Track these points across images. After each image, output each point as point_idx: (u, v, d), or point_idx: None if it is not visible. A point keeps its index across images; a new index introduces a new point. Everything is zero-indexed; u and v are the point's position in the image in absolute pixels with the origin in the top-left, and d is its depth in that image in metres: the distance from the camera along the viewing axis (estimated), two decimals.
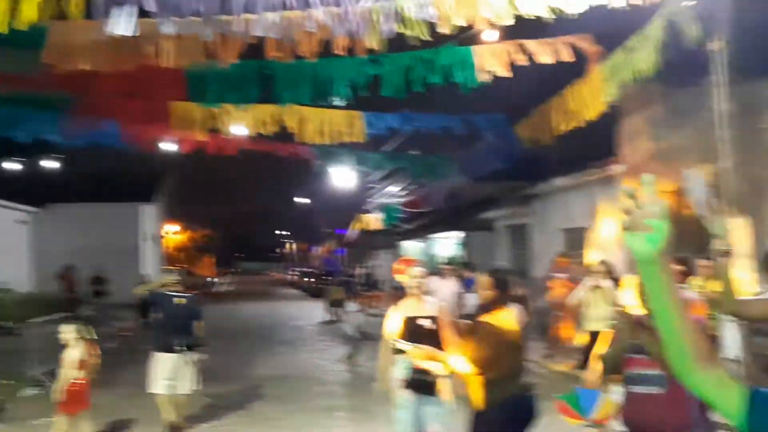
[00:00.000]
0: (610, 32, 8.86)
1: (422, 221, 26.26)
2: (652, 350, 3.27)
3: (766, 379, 5.08)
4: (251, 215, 68.98)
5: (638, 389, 3.39)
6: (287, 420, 8.28)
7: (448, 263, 14.86)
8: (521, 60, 8.00)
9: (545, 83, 11.17)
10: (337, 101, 8.96)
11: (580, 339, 8.79)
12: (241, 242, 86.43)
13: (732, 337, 6.40)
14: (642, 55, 8.17)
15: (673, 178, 11.09)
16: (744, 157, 8.52)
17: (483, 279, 4.33)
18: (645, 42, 8.08)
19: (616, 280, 8.38)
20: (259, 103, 9.31)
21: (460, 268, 13.74)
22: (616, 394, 5.16)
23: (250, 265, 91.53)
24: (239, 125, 10.28)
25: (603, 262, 9.10)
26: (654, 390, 3.28)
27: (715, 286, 7.42)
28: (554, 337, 12.03)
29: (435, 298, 5.72)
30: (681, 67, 9.20)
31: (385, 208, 20.69)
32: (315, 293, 31.79)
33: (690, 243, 10.89)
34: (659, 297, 1.52)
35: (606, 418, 4.91)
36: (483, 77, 7.94)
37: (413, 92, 7.94)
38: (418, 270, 5.32)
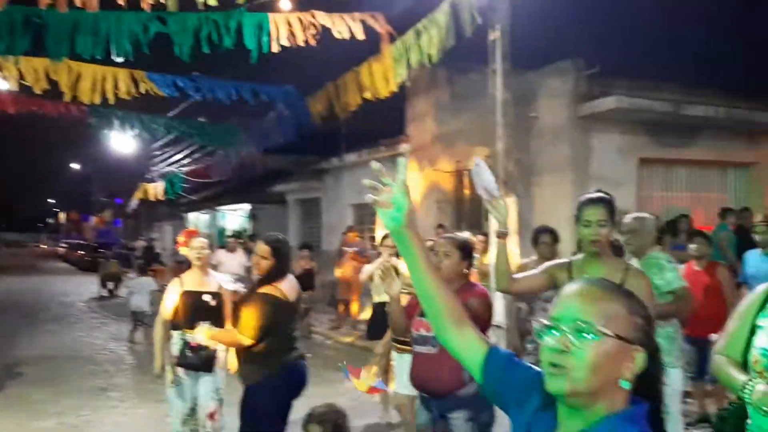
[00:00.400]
0: (403, 14, 9.08)
1: (209, 192, 25.42)
2: None
3: (522, 344, 5.55)
4: (15, 181, 62.14)
5: (420, 349, 3.54)
6: (53, 402, 7.54)
7: (236, 236, 14.54)
8: (314, 32, 7.91)
9: (340, 59, 11.20)
10: (118, 58, 8.22)
11: (367, 312, 9.02)
12: (2, 211, 77.73)
13: (497, 306, 6.93)
14: (429, 39, 8.47)
15: (454, 159, 11.78)
16: (515, 141, 9.23)
17: (261, 247, 4.13)
18: (432, 26, 8.39)
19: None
20: (27, 56, 8.32)
21: (248, 242, 13.49)
22: (396, 360, 5.35)
23: (11, 236, 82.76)
24: (3, 79, 9.13)
25: (388, 237, 9.37)
26: (431, 350, 3.43)
27: (486, 260, 8.03)
28: (342, 310, 12.27)
29: (221, 272, 5.47)
30: (464, 54, 9.71)
31: (168, 178, 19.62)
32: (87, 267, 29.59)
33: (468, 220, 11.67)
34: (412, 264, 1.67)
35: (370, 385, 5.05)
36: (276, 46, 7.74)
37: (204, 56, 7.53)
38: (201, 242, 5.02)
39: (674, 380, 4.39)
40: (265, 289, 4.06)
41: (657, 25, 17.45)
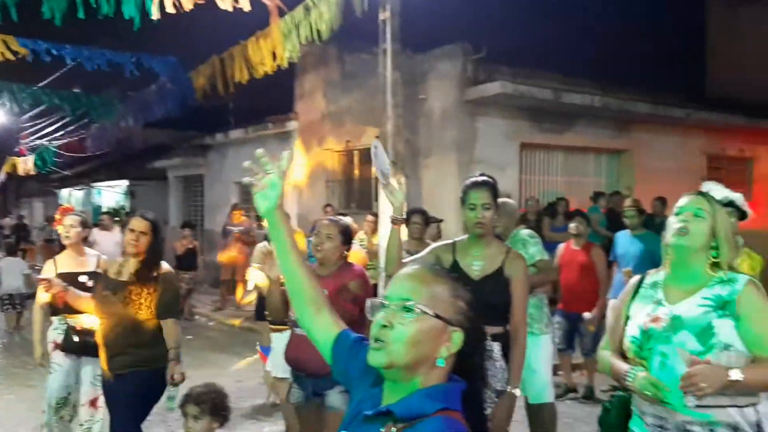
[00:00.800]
0: None
1: (84, 167, 24.02)
2: None
3: None
4: None
5: (299, 331, 3.53)
6: None
7: (112, 214, 13.83)
8: (197, 1, 7.56)
9: (227, 32, 10.82)
10: None
11: (251, 295, 8.84)
12: None
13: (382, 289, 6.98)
14: (319, 15, 8.33)
15: (344, 138, 11.72)
16: (405, 122, 9.29)
17: (140, 223, 3.89)
18: (322, 3, 8.25)
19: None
20: None
21: (126, 220, 12.87)
22: (273, 341, 5.28)
23: None
24: None
25: None
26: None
27: (376, 240, 8.06)
28: (225, 291, 11.98)
29: (97, 251, 5.14)
30: (355, 32, 9.64)
31: (39, 151, 18.35)
32: None
33: (357, 199, 11.68)
34: (281, 246, 1.76)
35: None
36: (157, 12, 7.33)
37: (82, 22, 7.02)
38: (72, 220, 4.69)
39: (544, 346, 4.70)
40: (165, 269, 3.91)
41: (542, 14, 18.10)
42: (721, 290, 2.27)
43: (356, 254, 5.68)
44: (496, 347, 3.18)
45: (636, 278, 2.59)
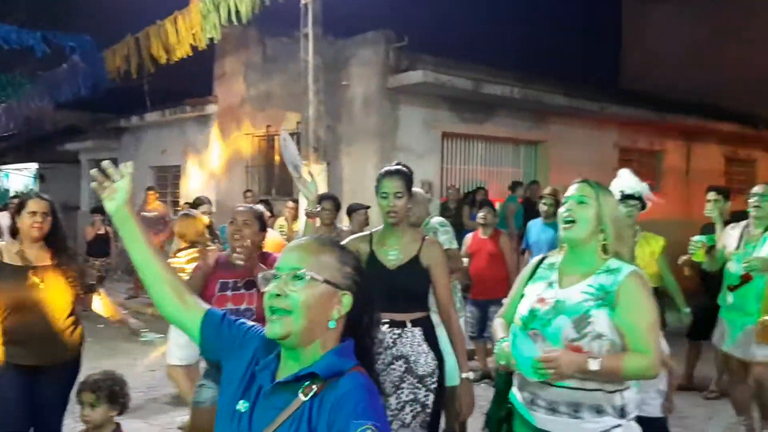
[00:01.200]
0: None
1: None
2: None
3: None
4: None
5: None
6: None
7: (19, 197, 13.17)
8: None
9: (144, 12, 10.46)
10: None
11: None
12: None
13: None
14: None
15: (264, 122, 11.53)
16: (327, 108, 9.22)
17: (39, 203, 3.65)
18: None
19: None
20: None
21: None
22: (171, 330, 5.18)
23: None
24: None
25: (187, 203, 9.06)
26: None
27: (296, 227, 7.99)
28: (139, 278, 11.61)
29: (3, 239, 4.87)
30: (277, 15, 9.48)
31: None
32: None
33: (278, 186, 11.53)
34: (134, 241, 1.78)
35: None
36: None
37: None
38: None
39: None
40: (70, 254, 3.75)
41: (465, 5, 18.31)
42: (605, 280, 2.35)
43: (275, 241, 5.61)
44: (417, 333, 3.19)
45: (537, 258, 2.68)
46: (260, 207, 3.80)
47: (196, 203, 7.99)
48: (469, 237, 6.57)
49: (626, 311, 2.28)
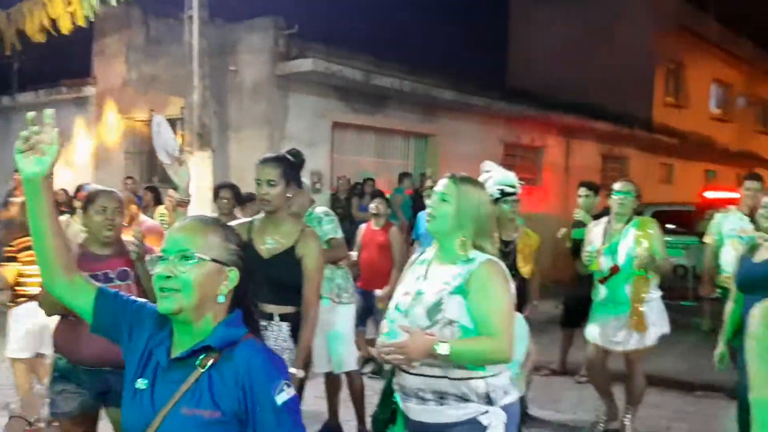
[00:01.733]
0: None
1: None
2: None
3: None
4: None
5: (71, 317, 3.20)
6: None
7: None
8: None
9: None
10: None
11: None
12: None
13: None
14: None
15: (147, 106, 11.05)
16: (213, 94, 8.95)
17: None
18: None
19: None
20: None
21: None
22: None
23: None
24: None
25: (64, 190, 8.57)
26: None
27: (172, 218, 7.69)
28: None
29: None
30: None
31: None
32: None
33: (161, 173, 11.08)
34: (41, 214, 1.71)
35: None
36: None
37: None
38: None
39: (351, 314, 4.92)
40: None
41: None
42: (461, 269, 2.42)
43: (156, 230, 5.35)
44: (285, 327, 3.11)
45: (416, 254, 2.73)
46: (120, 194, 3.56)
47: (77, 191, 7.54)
48: (362, 228, 6.56)
49: (476, 297, 2.34)
